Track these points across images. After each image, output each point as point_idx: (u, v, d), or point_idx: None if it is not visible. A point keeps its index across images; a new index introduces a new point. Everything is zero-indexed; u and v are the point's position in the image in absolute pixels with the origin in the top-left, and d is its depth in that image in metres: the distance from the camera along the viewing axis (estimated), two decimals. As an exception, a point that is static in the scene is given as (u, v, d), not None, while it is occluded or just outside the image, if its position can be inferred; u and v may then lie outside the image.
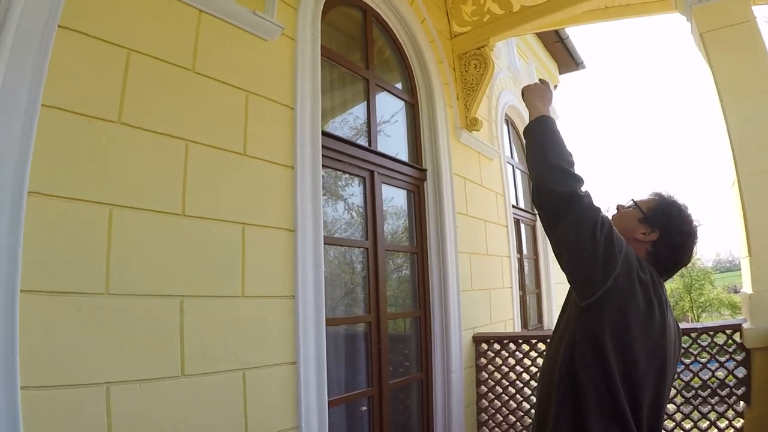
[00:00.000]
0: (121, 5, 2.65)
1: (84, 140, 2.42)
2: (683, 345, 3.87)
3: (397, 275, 5.19)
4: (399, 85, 5.33)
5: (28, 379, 2.13)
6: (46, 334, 2.21)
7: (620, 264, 1.82)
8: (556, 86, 10.29)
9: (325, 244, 3.60)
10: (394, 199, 5.02)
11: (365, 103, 4.71)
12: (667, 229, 2.08)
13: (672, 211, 2.11)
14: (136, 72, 2.65)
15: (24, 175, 2.16)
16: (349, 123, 4.78)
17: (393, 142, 5.12)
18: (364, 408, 4.25)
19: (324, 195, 4.08)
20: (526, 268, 7.75)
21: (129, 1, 2.69)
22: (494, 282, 6.12)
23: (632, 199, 2.24)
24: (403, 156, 5.15)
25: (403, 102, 5.29)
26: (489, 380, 5.19)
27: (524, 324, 7.27)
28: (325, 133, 3.81)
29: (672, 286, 46.14)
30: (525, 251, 7.76)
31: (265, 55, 3.37)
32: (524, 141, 2.06)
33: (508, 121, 7.94)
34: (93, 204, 2.41)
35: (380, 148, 4.72)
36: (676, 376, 2.14)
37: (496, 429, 5.10)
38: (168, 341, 2.63)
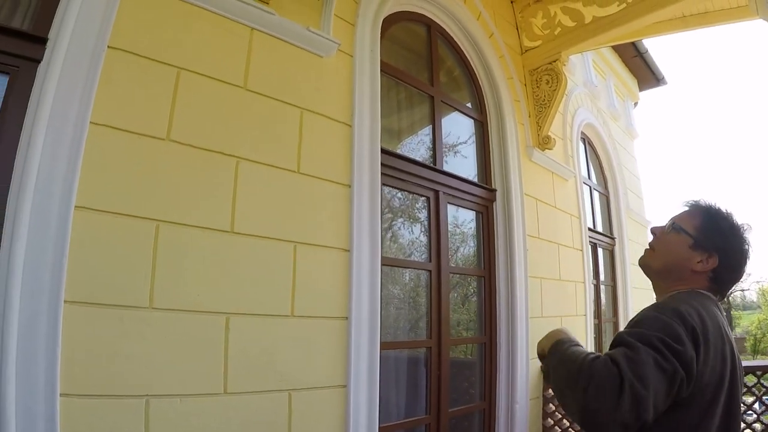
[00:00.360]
0: (171, 25, 2.77)
1: (132, 157, 2.52)
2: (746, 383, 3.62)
3: (462, 299, 5.11)
4: (468, 103, 5.27)
5: (68, 387, 2.23)
6: (88, 345, 2.31)
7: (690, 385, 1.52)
8: (636, 103, 9.93)
9: (383, 265, 3.60)
10: (460, 219, 4.98)
11: (430, 120, 4.68)
12: (725, 251, 1.81)
13: (723, 226, 1.84)
14: (186, 90, 2.75)
15: (71, 189, 2.30)
16: (412, 141, 4.79)
17: (460, 161, 5.10)
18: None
19: (385, 215, 4.07)
20: (602, 295, 7.48)
21: (179, 20, 2.81)
22: (567, 309, 5.93)
23: (672, 221, 1.93)
24: (472, 176, 5.09)
25: (472, 120, 5.24)
26: (556, 413, 5.01)
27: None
28: (385, 151, 3.81)
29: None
30: (602, 277, 7.48)
31: (320, 71, 3.41)
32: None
33: (585, 140, 7.71)
34: (139, 219, 2.50)
35: (447, 168, 4.69)
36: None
37: (560, 464, 4.89)
38: (211, 358, 2.67)
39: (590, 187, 7.56)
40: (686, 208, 1.97)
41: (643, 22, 4.92)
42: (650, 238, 2.03)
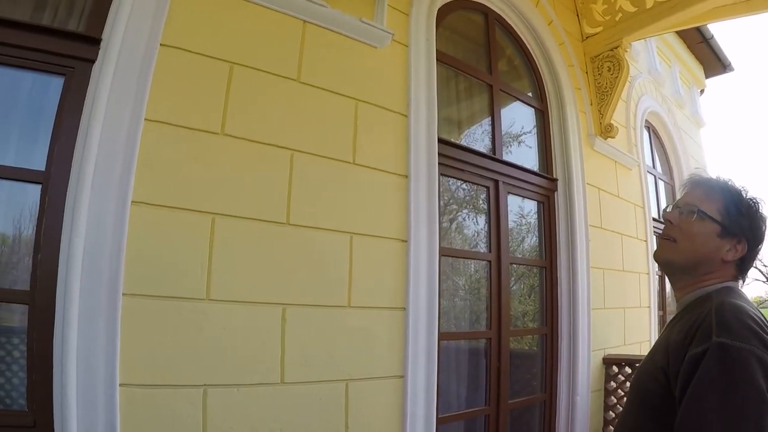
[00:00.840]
0: (223, 21, 2.77)
1: (187, 152, 2.55)
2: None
3: (523, 290, 4.99)
4: (528, 92, 5.13)
5: (128, 377, 2.27)
6: (147, 336, 2.34)
7: None
8: (702, 91, 9.48)
9: (441, 255, 3.53)
10: (521, 209, 4.86)
11: (489, 109, 4.57)
12: (753, 234, 1.58)
13: (745, 205, 1.60)
14: (239, 84, 2.75)
15: (128, 185, 2.34)
16: (471, 131, 4.69)
17: (521, 150, 4.97)
18: (483, 428, 4.08)
19: (446, 205, 4.00)
20: (667, 287, 7.18)
21: (230, 16, 2.80)
22: (630, 300, 5.72)
23: (692, 206, 1.62)
24: (532, 165, 4.95)
25: (532, 108, 5.09)
26: (618, 406, 4.84)
27: (663, 347, 6.73)
28: (442, 141, 3.73)
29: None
30: (667, 268, 7.18)
31: (375, 62, 3.36)
32: None
33: (650, 128, 7.41)
34: (196, 213, 2.53)
35: (506, 157, 4.58)
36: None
37: (621, 459, 4.70)
38: (268, 348, 2.68)
39: (655, 177, 7.27)
40: (696, 187, 1.68)
41: (705, 6, 4.66)
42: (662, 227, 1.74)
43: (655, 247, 5.55)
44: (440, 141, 3.63)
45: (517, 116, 5.00)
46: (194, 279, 2.48)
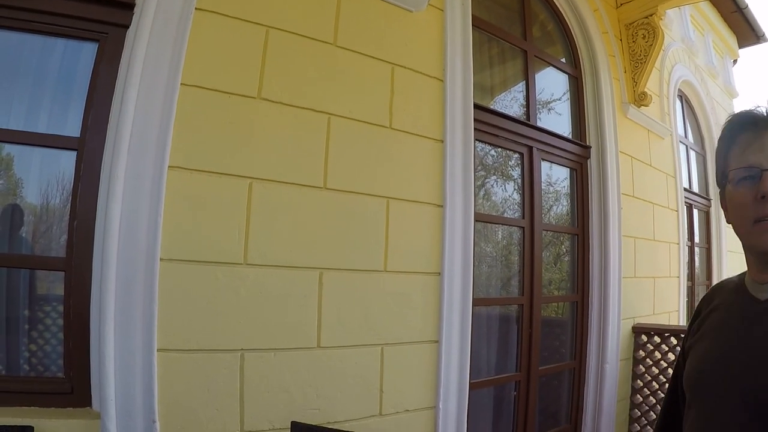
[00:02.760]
0: None
1: (223, 116, 2.44)
2: None
3: (555, 257, 4.85)
4: (561, 58, 4.91)
5: (165, 342, 2.22)
6: (184, 301, 2.28)
7: None
8: (735, 61, 9.11)
9: (476, 221, 3.41)
10: (554, 177, 4.70)
11: (523, 75, 4.39)
12: None
13: None
14: (275, 48, 2.63)
15: (165, 150, 2.25)
16: (506, 96, 4.52)
17: (554, 117, 4.78)
18: (513, 393, 4.00)
19: (478, 171, 3.87)
20: (696, 257, 7.01)
21: None
22: (660, 270, 5.55)
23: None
24: (566, 132, 4.77)
25: (566, 75, 4.88)
26: (646, 375, 4.72)
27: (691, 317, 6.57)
28: (478, 106, 3.56)
29: None
30: (697, 239, 7.01)
31: (411, 26, 3.20)
32: None
33: (682, 97, 7.12)
34: (233, 177, 2.44)
35: (540, 123, 4.41)
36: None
37: (649, 427, 4.63)
38: (305, 312, 2.60)
39: (687, 146, 7.02)
40: None
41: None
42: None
43: (685, 217, 5.35)
44: (475, 106, 3.47)
45: (552, 83, 4.80)
46: (231, 243, 2.40)
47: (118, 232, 2.14)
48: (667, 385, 4.36)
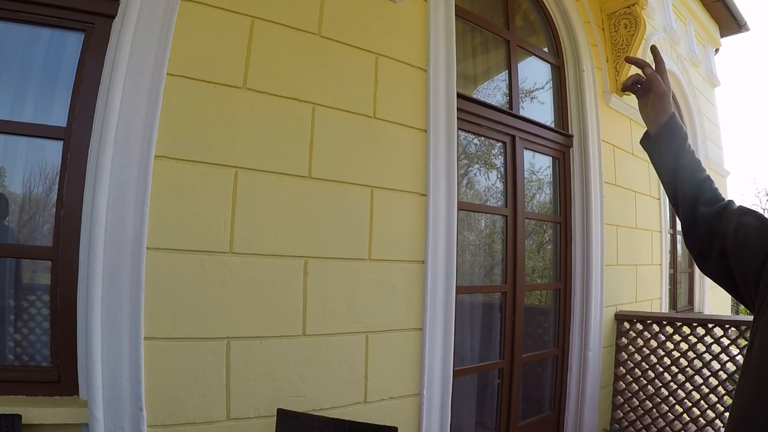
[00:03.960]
0: None
1: (209, 106, 2.48)
2: None
3: (538, 245, 4.93)
4: (544, 48, 4.96)
5: (152, 330, 2.26)
6: (171, 289, 2.32)
7: None
8: (717, 50, 9.21)
9: (459, 209, 3.46)
10: (537, 165, 4.76)
11: (506, 64, 4.44)
12: None
13: None
14: (261, 38, 2.67)
15: (151, 140, 2.29)
16: (489, 86, 4.57)
17: (537, 106, 4.84)
18: (497, 380, 4.07)
19: (461, 160, 3.92)
20: (678, 245, 7.12)
21: None
22: (642, 257, 5.65)
23: None
24: (548, 121, 4.84)
25: (548, 64, 4.94)
26: (628, 361, 4.81)
27: (673, 304, 6.69)
28: (461, 96, 3.61)
29: None
30: (678, 226, 7.10)
31: (394, 17, 3.24)
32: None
33: (664, 85, 7.20)
34: (218, 167, 2.48)
35: (523, 113, 4.47)
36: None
37: (631, 414, 4.73)
38: (290, 300, 2.65)
39: (669, 134, 7.10)
40: None
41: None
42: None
43: (667, 205, 5.43)
44: (458, 96, 3.52)
45: (534, 72, 4.85)
46: (217, 232, 2.44)
47: (104, 221, 2.17)
48: (648, 372, 4.48)
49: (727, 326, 4.31)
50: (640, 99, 1.56)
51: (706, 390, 4.33)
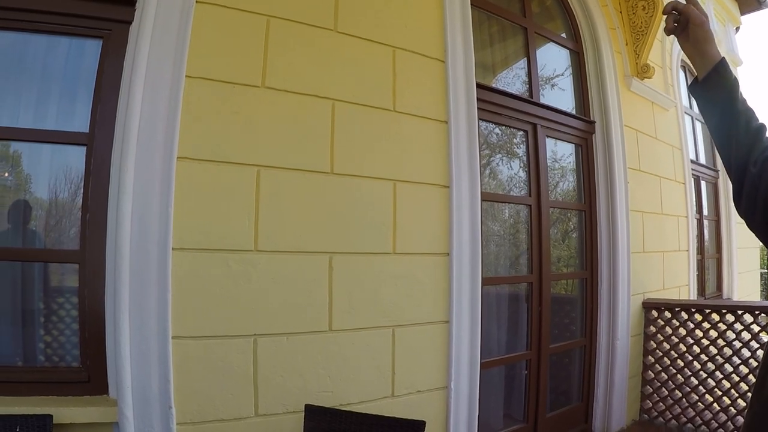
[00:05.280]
0: None
1: (229, 106, 2.51)
2: None
3: (562, 234, 4.90)
4: (562, 33, 4.92)
5: (180, 330, 2.30)
6: (197, 289, 2.35)
7: None
8: (737, 28, 9.03)
9: (483, 200, 3.45)
10: (559, 153, 4.73)
11: (524, 52, 4.40)
12: None
13: None
14: (277, 37, 2.68)
15: (173, 141, 2.32)
16: (508, 74, 4.55)
17: (557, 93, 4.80)
18: (524, 371, 4.06)
19: (483, 150, 3.91)
20: (705, 230, 7.02)
21: None
22: (669, 244, 5.58)
23: None
24: (569, 108, 4.78)
25: (567, 50, 4.89)
26: (657, 350, 4.76)
27: (701, 291, 6.58)
28: (480, 86, 3.59)
29: None
30: (705, 211, 7.02)
31: (410, 9, 3.23)
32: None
33: (685, 68, 7.07)
34: (241, 166, 2.50)
35: (544, 100, 4.43)
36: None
37: (661, 404, 4.68)
38: (316, 296, 2.67)
39: (692, 117, 7.00)
40: None
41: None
42: None
43: (693, 190, 5.37)
44: (478, 85, 3.49)
45: (552, 59, 4.80)
46: (242, 231, 2.47)
47: (129, 223, 2.21)
48: (678, 360, 4.43)
49: (757, 312, 4.27)
50: (681, 38, 1.53)
51: (737, 378, 4.27)
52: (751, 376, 4.18)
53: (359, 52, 2.96)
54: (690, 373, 4.53)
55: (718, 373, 4.37)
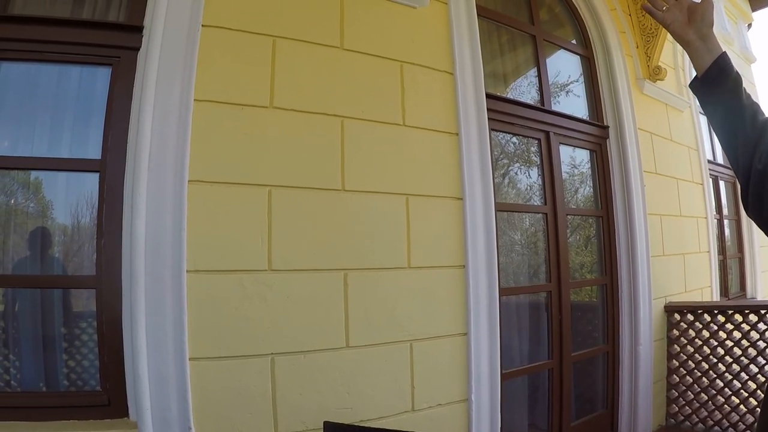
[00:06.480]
0: None
1: (238, 127, 2.54)
2: None
3: (580, 241, 4.86)
4: (572, 40, 4.91)
5: (197, 351, 2.31)
6: (213, 310, 2.37)
7: None
8: (749, 25, 8.91)
9: (497, 210, 3.43)
10: (574, 159, 4.70)
11: (534, 60, 4.39)
12: None
13: None
14: (283, 57, 2.71)
15: (183, 165, 2.35)
16: (519, 83, 4.54)
17: (569, 99, 4.79)
18: (547, 381, 4.01)
19: (498, 160, 3.90)
20: (726, 230, 6.92)
21: None
22: (689, 246, 5.51)
23: None
24: (582, 114, 4.76)
25: (577, 56, 4.87)
26: (681, 354, 4.69)
27: (724, 292, 6.47)
28: (490, 96, 3.59)
29: None
30: (725, 211, 6.93)
31: (416, 23, 3.25)
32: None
33: (699, 68, 7.01)
34: (252, 186, 2.53)
35: (555, 107, 4.42)
36: None
37: (687, 407, 4.61)
38: (332, 313, 2.68)
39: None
40: None
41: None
42: None
43: (711, 190, 5.31)
44: (488, 96, 3.49)
45: (563, 65, 4.79)
46: (255, 251, 2.48)
47: (144, 247, 2.24)
48: (703, 363, 4.38)
49: (780, 311, 4.20)
50: (677, 26, 1.46)
51: (763, 379, 4.20)
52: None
53: (366, 68, 2.98)
54: (715, 376, 4.46)
55: (743, 374, 4.31)
